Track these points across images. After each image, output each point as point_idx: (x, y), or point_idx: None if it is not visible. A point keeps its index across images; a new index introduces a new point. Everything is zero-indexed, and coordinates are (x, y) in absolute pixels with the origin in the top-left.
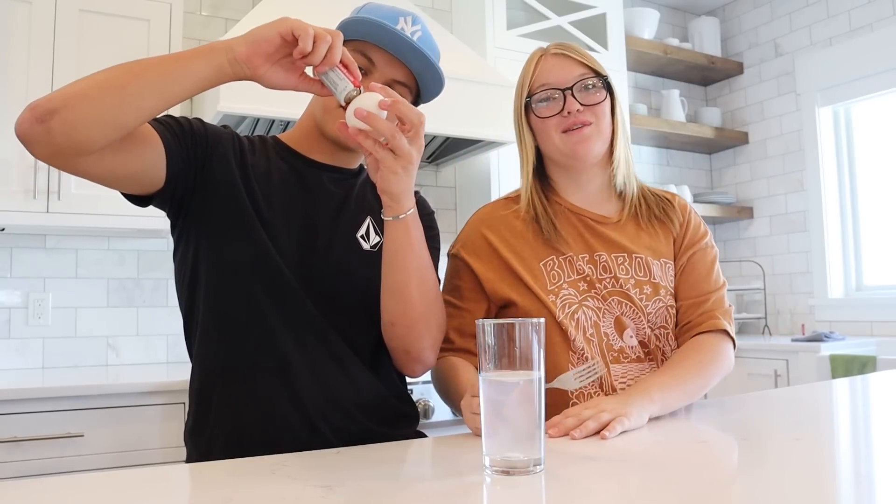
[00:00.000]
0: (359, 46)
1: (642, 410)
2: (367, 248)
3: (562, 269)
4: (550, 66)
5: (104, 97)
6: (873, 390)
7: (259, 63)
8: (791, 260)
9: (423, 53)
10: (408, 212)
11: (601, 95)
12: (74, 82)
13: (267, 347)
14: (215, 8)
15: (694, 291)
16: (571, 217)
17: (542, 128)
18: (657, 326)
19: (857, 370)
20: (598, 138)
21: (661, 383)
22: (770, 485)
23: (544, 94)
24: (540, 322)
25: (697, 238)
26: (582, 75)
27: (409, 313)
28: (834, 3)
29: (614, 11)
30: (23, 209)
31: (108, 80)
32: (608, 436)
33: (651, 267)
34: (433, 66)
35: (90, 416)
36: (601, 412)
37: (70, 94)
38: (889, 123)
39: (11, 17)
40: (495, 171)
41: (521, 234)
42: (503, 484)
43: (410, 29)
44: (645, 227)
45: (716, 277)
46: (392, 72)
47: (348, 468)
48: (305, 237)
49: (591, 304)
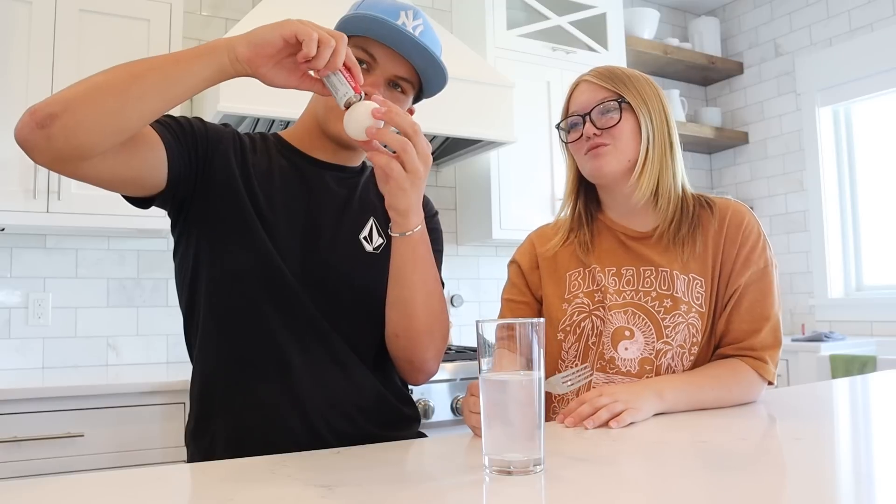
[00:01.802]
0: (360, 42)
1: (651, 406)
2: (370, 251)
3: (583, 280)
4: (579, 93)
5: (105, 100)
6: (873, 390)
7: (261, 63)
8: (791, 260)
9: (425, 48)
10: (415, 229)
11: (615, 118)
12: (74, 85)
13: (268, 349)
14: (215, 8)
15: (749, 317)
16: (609, 233)
17: (574, 151)
18: (675, 344)
19: (857, 370)
20: (614, 156)
21: (676, 385)
22: (770, 485)
23: (570, 121)
24: (540, 322)
25: (756, 256)
26: (602, 100)
27: (414, 326)
28: (834, 3)
29: (614, 11)
30: (23, 209)
31: (109, 82)
32: (615, 426)
33: (675, 282)
34: (436, 61)
35: (90, 416)
36: (615, 402)
37: (70, 97)
38: (889, 123)
39: (11, 17)
40: (495, 171)
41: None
42: (503, 484)
43: (412, 24)
44: (679, 235)
45: (772, 301)
46: (394, 68)
47: (348, 468)
48: (307, 238)
49: (600, 313)
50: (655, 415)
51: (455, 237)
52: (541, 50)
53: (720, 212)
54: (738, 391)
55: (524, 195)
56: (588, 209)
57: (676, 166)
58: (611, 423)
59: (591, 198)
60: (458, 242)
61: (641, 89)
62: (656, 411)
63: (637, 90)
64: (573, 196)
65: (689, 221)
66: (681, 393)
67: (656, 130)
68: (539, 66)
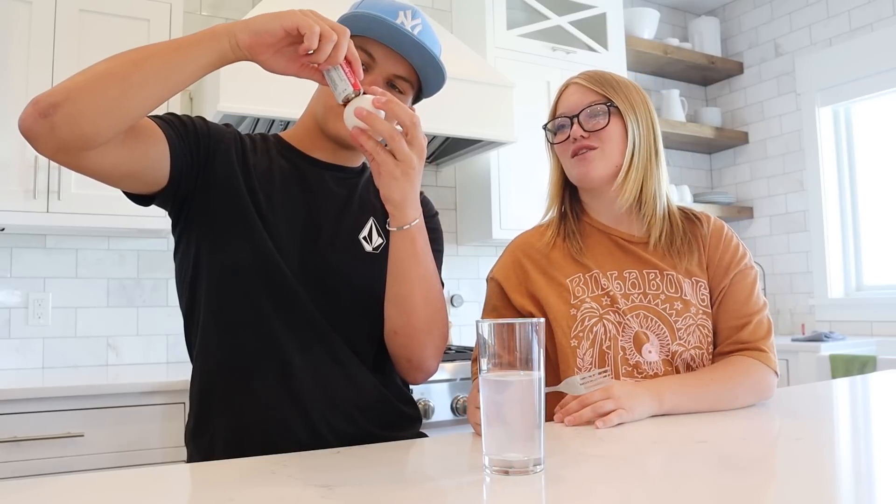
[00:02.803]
0: (359, 42)
1: (646, 409)
2: (370, 251)
3: (586, 286)
4: (568, 94)
5: (107, 88)
6: (873, 390)
7: (261, 51)
8: (791, 260)
9: (423, 47)
10: (412, 222)
11: (603, 121)
12: (76, 74)
13: (268, 349)
14: (215, 8)
15: (736, 314)
16: (601, 236)
17: (559, 153)
18: (691, 346)
19: (857, 370)
20: (601, 161)
21: (676, 387)
22: (770, 485)
23: (557, 122)
24: (540, 322)
25: (737, 259)
26: (591, 103)
27: (413, 323)
28: (834, 3)
29: (614, 11)
30: (23, 209)
31: (110, 70)
32: (601, 426)
33: (682, 284)
34: (434, 60)
35: (90, 416)
36: (606, 399)
37: (72, 86)
38: (889, 123)
39: (11, 17)
40: (495, 171)
41: (549, 257)
42: (503, 484)
43: (410, 23)
44: (674, 246)
45: (756, 299)
46: (393, 67)
47: (348, 468)
48: (307, 238)
49: (611, 318)
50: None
51: (455, 237)
52: (541, 50)
53: (702, 220)
54: (748, 384)
55: (524, 195)
56: (573, 210)
57: (661, 175)
58: (597, 422)
59: (574, 199)
60: (458, 242)
61: (630, 95)
62: (652, 413)
63: (626, 95)
64: (559, 198)
65: (681, 235)
66: (681, 395)
67: (642, 137)
68: (539, 66)
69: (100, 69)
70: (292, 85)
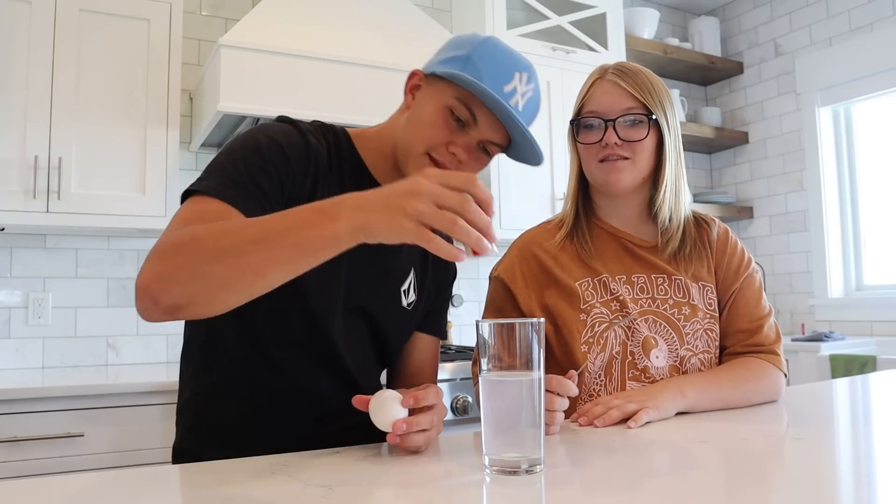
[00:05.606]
0: (465, 98)
1: (671, 404)
2: (404, 305)
3: (595, 290)
4: (603, 91)
5: (228, 296)
6: (873, 390)
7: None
8: (791, 260)
9: (528, 136)
10: None
11: (642, 133)
12: (187, 252)
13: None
14: (215, 8)
15: (746, 318)
16: (611, 239)
17: (584, 153)
18: (699, 351)
19: (857, 370)
20: (630, 172)
21: (698, 382)
22: (770, 485)
23: (589, 121)
24: (539, 322)
25: (745, 264)
26: (629, 109)
27: None
28: (834, 3)
29: (614, 11)
30: (23, 209)
31: (229, 279)
32: (633, 426)
33: (690, 289)
34: (532, 145)
35: (90, 416)
36: (628, 402)
37: (194, 289)
38: (889, 123)
39: (11, 17)
40: (495, 171)
41: (557, 258)
42: (503, 484)
43: (523, 88)
44: (683, 252)
45: (764, 302)
46: (491, 133)
47: (348, 468)
48: (352, 273)
49: (621, 322)
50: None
51: None
52: (541, 50)
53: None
54: (762, 385)
55: (524, 195)
56: (585, 210)
57: (684, 184)
58: (629, 423)
59: (586, 199)
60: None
61: (664, 102)
62: (679, 409)
63: (661, 103)
64: (576, 195)
65: (692, 240)
66: (702, 391)
67: (673, 147)
68: (539, 65)
69: (219, 277)
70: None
